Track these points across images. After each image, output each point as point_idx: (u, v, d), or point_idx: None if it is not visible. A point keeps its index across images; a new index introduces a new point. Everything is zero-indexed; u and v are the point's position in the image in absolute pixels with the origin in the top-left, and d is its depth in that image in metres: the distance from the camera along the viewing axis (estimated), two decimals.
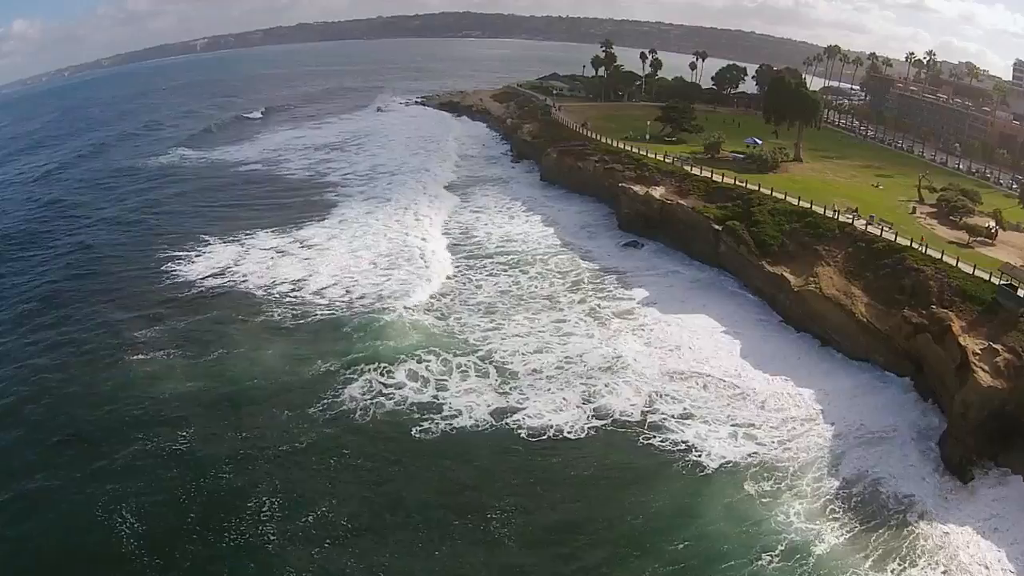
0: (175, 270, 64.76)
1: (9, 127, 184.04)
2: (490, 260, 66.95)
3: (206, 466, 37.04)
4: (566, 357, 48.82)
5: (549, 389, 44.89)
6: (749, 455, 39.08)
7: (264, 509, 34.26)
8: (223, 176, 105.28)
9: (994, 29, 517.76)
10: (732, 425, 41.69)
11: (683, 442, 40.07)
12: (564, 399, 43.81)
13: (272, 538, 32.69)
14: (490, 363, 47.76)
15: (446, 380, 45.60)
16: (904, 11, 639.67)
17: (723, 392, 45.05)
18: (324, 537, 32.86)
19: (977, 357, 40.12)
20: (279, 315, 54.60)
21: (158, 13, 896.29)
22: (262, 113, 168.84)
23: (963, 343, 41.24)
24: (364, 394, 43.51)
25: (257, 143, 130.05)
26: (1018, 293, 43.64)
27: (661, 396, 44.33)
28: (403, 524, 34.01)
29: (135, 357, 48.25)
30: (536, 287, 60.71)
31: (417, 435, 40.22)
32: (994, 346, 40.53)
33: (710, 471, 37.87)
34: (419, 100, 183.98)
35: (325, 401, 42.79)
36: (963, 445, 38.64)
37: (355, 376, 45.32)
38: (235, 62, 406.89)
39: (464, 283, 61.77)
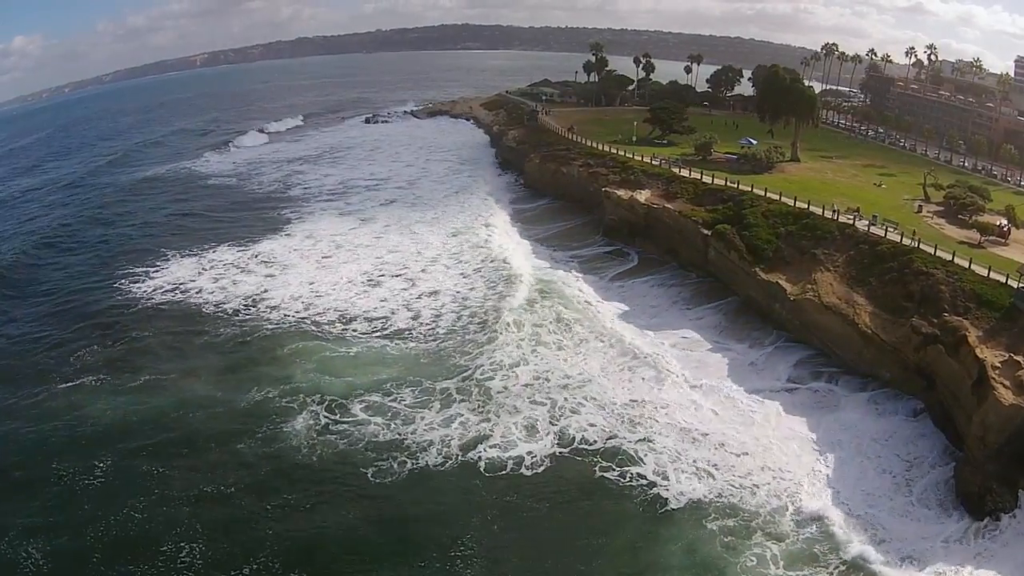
0: (127, 287, 60.67)
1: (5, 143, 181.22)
2: (463, 275, 61.88)
3: (119, 502, 33.09)
4: (533, 377, 43.84)
5: (510, 412, 40.05)
6: (723, 492, 33.90)
7: (182, 555, 30.01)
8: (201, 189, 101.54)
9: (992, 30, 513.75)
10: (707, 457, 36.41)
11: (643, 476, 35.02)
12: (519, 425, 38.91)
13: None
14: (446, 381, 43.22)
15: (393, 403, 41.13)
16: (902, 14, 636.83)
17: (701, 419, 39.77)
18: None
19: (997, 371, 35.18)
20: (222, 335, 50.09)
21: (157, 29, 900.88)
22: (238, 132, 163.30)
23: (980, 355, 36.37)
24: (309, 429, 38.57)
25: (229, 156, 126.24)
26: None
27: (628, 423, 39.19)
28: None
29: (62, 385, 44.00)
30: (508, 301, 55.42)
31: (373, 477, 35.37)
32: (1015, 358, 35.61)
33: (673, 509, 32.87)
34: (409, 111, 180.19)
35: (260, 435, 38.01)
36: (981, 473, 33.67)
37: (296, 407, 40.41)
38: (234, 77, 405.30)
39: (430, 295, 57.22)
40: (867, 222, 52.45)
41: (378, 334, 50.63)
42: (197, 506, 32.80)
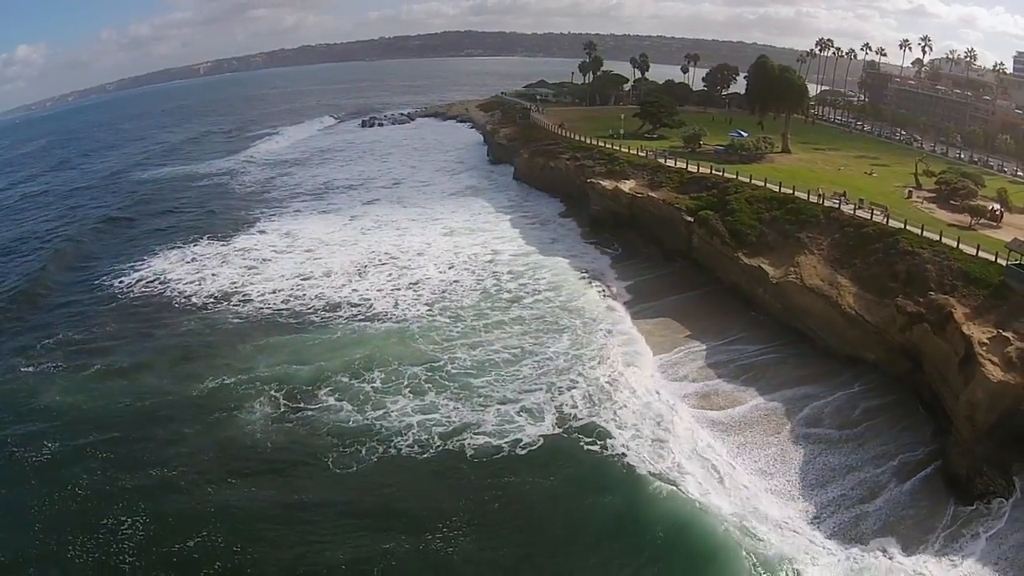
0: (108, 281, 60.52)
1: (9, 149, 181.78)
2: (450, 265, 60.68)
3: (63, 479, 33.02)
4: (512, 366, 42.35)
5: (493, 404, 38.47)
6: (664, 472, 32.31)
7: (123, 527, 29.61)
8: (193, 188, 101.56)
9: (994, 32, 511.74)
10: (659, 438, 34.98)
11: (612, 448, 33.94)
12: (501, 411, 37.46)
13: (128, 559, 27.96)
14: (424, 368, 41.98)
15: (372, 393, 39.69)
16: (904, 17, 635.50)
17: (680, 407, 37.96)
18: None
19: (984, 348, 33.63)
20: (186, 327, 49.48)
21: (161, 38, 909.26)
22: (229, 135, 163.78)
23: (967, 332, 34.77)
24: (263, 418, 37.36)
25: (216, 160, 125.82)
26: None
27: (607, 406, 37.61)
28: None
29: (24, 369, 43.91)
30: (491, 296, 53.87)
31: (334, 464, 34.05)
32: (1004, 334, 34.06)
33: (640, 474, 31.90)
34: (406, 113, 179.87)
35: (210, 420, 37.09)
36: (970, 455, 32.07)
37: (252, 392, 39.39)
38: (238, 85, 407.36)
39: (410, 291, 55.70)
40: (853, 206, 50.99)
41: (361, 318, 50.25)
42: (140, 485, 32.13)
